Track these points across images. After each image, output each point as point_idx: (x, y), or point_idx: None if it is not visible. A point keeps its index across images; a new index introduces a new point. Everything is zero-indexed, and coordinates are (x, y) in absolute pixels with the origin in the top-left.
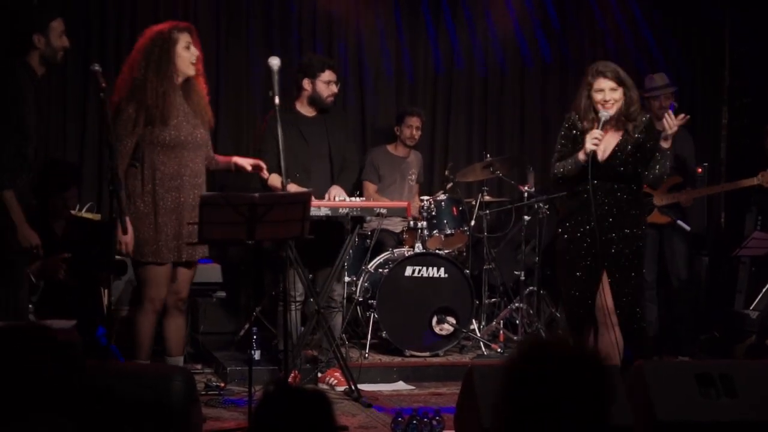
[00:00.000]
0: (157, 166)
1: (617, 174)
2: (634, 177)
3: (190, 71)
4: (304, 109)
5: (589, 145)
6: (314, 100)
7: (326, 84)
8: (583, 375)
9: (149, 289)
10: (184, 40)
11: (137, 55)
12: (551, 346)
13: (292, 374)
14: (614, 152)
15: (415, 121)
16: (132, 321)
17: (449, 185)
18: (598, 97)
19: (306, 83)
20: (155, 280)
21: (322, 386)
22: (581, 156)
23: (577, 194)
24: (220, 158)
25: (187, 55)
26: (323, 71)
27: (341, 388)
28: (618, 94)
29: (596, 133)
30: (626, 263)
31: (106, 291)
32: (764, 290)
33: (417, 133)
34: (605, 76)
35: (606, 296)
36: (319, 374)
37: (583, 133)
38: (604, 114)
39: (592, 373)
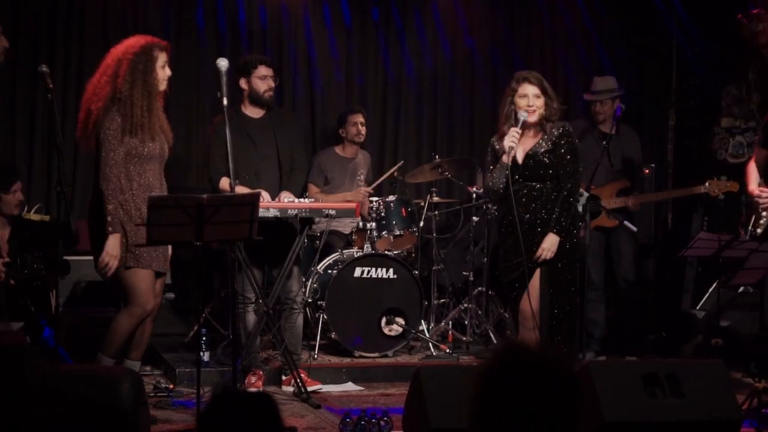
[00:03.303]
0: (133, 176)
1: (538, 175)
2: (556, 178)
3: (162, 88)
4: (249, 111)
5: (507, 142)
6: (254, 98)
7: (261, 79)
8: (557, 384)
9: (142, 295)
10: (162, 59)
11: (120, 67)
12: (528, 354)
13: (257, 374)
14: (530, 153)
15: (358, 118)
16: (115, 319)
17: (398, 185)
18: (521, 102)
19: (243, 83)
20: (146, 285)
21: (287, 389)
22: (504, 158)
23: (506, 198)
24: None
25: (162, 75)
26: (256, 67)
27: (313, 388)
28: (541, 102)
29: (513, 131)
30: (560, 265)
31: (53, 293)
32: (710, 290)
33: (363, 129)
34: (530, 82)
35: (532, 298)
36: (284, 377)
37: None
38: (523, 114)
39: (565, 382)
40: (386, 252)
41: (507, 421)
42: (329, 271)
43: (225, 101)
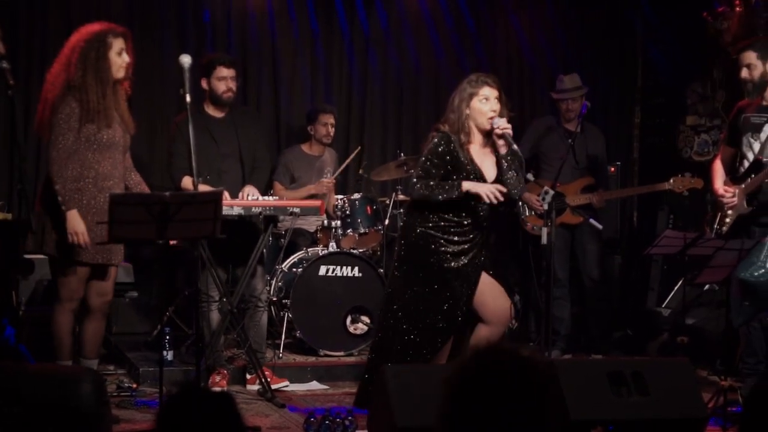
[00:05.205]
0: (91, 164)
1: None
2: None
3: (119, 75)
4: (212, 110)
5: (505, 127)
6: (213, 98)
7: (220, 80)
8: (535, 383)
9: (69, 287)
10: (117, 45)
11: (73, 55)
12: (505, 354)
13: (221, 373)
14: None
15: (329, 118)
16: (50, 320)
17: (364, 180)
18: (484, 107)
19: (204, 82)
20: (76, 278)
21: (251, 388)
22: (502, 145)
23: (461, 204)
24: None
25: (118, 61)
26: (215, 68)
27: (278, 386)
28: (498, 107)
29: (502, 120)
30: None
31: (15, 291)
32: (676, 288)
33: (332, 130)
34: (490, 86)
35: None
36: (248, 376)
37: (457, 152)
38: (498, 121)
39: (543, 381)
40: (351, 250)
41: (478, 422)
42: (294, 270)
43: (188, 98)
